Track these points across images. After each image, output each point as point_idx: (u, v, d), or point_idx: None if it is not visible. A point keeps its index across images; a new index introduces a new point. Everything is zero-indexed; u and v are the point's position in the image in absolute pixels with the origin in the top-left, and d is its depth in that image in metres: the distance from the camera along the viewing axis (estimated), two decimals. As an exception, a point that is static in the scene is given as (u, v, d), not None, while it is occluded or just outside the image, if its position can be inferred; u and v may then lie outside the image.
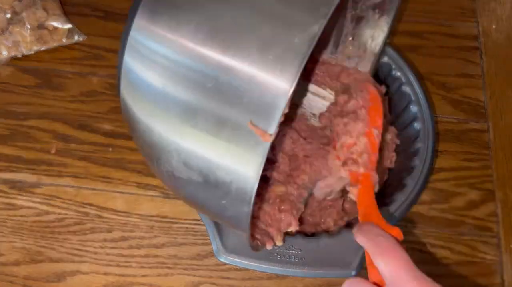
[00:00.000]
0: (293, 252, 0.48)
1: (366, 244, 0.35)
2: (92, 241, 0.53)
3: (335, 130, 0.47)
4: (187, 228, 0.54)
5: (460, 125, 0.61)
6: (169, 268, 0.52)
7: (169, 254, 0.53)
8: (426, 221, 0.55)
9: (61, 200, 0.55)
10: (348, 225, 0.51)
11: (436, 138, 0.56)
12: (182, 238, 0.54)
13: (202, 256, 0.53)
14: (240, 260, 0.48)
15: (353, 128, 0.46)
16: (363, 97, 0.47)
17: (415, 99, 0.55)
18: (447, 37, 0.67)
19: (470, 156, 0.59)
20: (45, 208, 0.55)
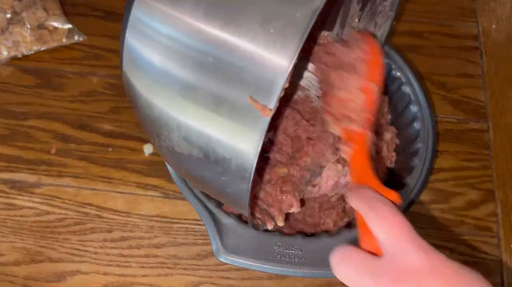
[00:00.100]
0: (293, 252, 0.48)
1: (363, 210, 0.32)
2: (92, 241, 0.53)
3: (329, 83, 0.43)
4: (187, 228, 0.54)
5: (460, 125, 0.61)
6: (169, 268, 0.52)
7: (169, 254, 0.53)
8: (426, 221, 0.55)
9: (61, 200, 0.55)
10: (348, 226, 0.51)
11: (436, 138, 0.56)
12: (182, 238, 0.54)
13: (202, 256, 0.53)
14: (240, 260, 0.48)
15: (349, 82, 0.41)
16: (362, 48, 0.43)
17: (415, 99, 0.55)
18: (447, 37, 0.67)
19: (470, 156, 0.59)
20: (45, 208, 0.55)
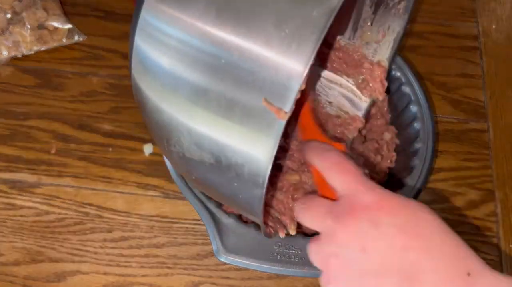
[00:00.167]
0: (293, 252, 0.48)
1: (316, 161, 0.35)
2: (92, 241, 0.53)
3: None
4: (187, 228, 0.54)
5: (460, 125, 0.61)
6: (169, 268, 0.52)
7: (169, 254, 0.53)
8: (426, 221, 0.55)
9: (61, 200, 0.55)
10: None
11: (436, 138, 0.56)
12: (182, 238, 0.54)
13: (202, 256, 0.53)
14: (240, 260, 0.48)
15: None
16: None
17: (415, 99, 0.55)
18: (447, 37, 0.67)
19: (470, 156, 0.59)
20: (45, 208, 0.55)
